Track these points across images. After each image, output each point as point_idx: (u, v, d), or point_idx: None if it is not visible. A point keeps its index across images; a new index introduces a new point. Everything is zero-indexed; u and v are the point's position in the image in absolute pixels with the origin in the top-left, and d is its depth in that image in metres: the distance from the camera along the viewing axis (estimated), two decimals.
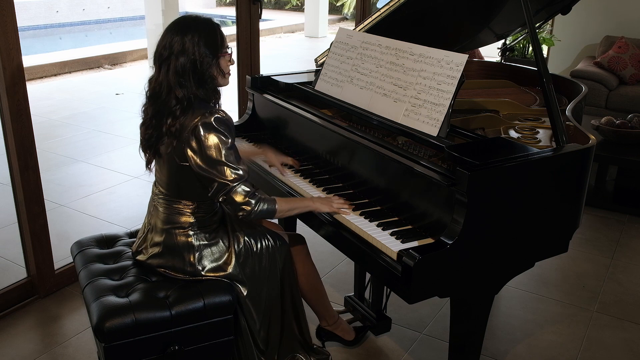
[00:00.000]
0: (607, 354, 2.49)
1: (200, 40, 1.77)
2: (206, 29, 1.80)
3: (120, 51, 8.64)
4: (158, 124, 1.81)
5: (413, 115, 1.96)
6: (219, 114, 1.78)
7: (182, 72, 1.76)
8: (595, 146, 1.92)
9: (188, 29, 1.78)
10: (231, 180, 1.77)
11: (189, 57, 1.76)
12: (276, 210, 1.85)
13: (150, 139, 1.84)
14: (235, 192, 1.78)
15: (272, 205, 1.84)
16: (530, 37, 2.01)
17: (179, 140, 1.77)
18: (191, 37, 1.76)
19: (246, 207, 1.79)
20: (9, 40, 2.34)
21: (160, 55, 1.79)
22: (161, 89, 1.79)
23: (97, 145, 4.91)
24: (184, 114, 1.77)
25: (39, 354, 2.38)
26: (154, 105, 1.82)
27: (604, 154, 3.83)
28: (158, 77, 1.80)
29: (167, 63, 1.77)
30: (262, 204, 1.81)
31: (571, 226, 1.94)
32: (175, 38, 1.77)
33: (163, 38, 1.80)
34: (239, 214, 1.81)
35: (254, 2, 3.59)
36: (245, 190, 1.79)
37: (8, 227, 3.27)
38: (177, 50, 1.76)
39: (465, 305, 1.85)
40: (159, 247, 1.92)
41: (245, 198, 1.78)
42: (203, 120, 1.75)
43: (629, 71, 5.35)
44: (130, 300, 1.79)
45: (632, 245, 3.47)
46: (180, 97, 1.76)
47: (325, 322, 2.29)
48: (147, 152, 1.89)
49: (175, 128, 1.77)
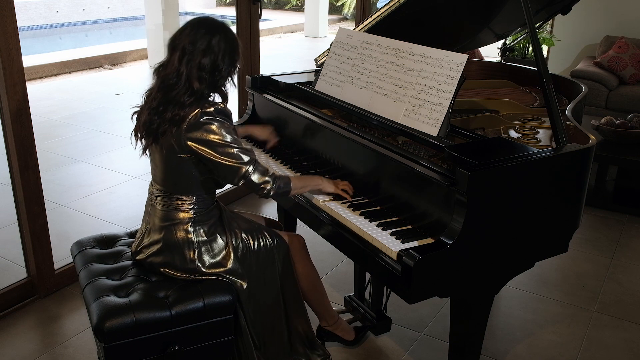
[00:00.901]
0: (607, 354, 2.49)
1: (226, 47, 1.81)
2: (232, 38, 1.84)
3: (120, 51, 8.64)
4: (164, 111, 1.81)
5: (413, 115, 1.96)
6: (218, 104, 1.83)
7: (203, 68, 1.79)
8: (595, 146, 1.92)
9: (216, 31, 1.80)
10: (246, 162, 1.82)
11: (212, 58, 1.79)
12: (291, 188, 1.92)
13: (152, 125, 1.83)
14: (253, 173, 1.83)
15: (288, 183, 1.91)
16: (530, 37, 2.01)
17: (178, 128, 1.79)
18: (218, 41, 1.80)
19: (266, 185, 1.86)
20: (9, 40, 2.34)
21: (183, 47, 1.79)
22: (179, 80, 1.79)
23: (97, 145, 4.91)
24: (190, 106, 1.79)
25: (39, 354, 2.38)
26: (165, 94, 1.81)
27: (604, 154, 3.83)
28: (178, 68, 1.79)
29: (190, 57, 1.79)
30: (279, 182, 1.89)
31: (571, 226, 1.94)
32: (204, 36, 1.79)
33: (188, 32, 1.80)
34: (260, 193, 1.88)
35: (254, 2, 3.60)
36: (261, 170, 1.85)
37: (8, 227, 3.27)
38: (203, 47, 1.78)
39: (465, 305, 1.85)
40: (159, 245, 1.92)
41: (263, 177, 1.85)
42: (203, 110, 1.78)
43: (629, 71, 5.35)
44: (130, 300, 1.79)
45: (632, 245, 3.47)
46: (196, 89, 1.79)
47: (325, 322, 2.29)
48: (145, 137, 1.88)
49: (179, 116, 1.79)
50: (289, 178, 1.93)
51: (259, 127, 2.45)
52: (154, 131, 1.83)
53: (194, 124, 1.78)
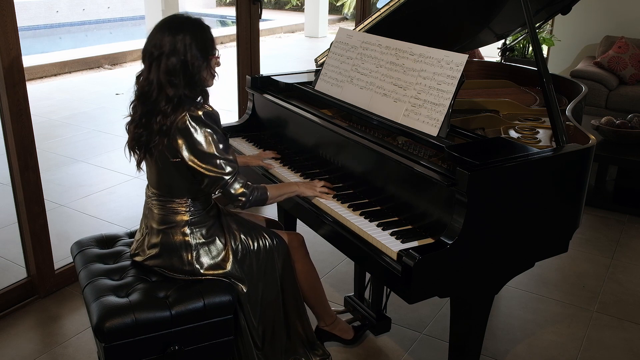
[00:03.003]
0: (607, 354, 2.49)
1: (191, 42, 1.76)
2: (197, 30, 1.79)
3: (120, 51, 8.65)
4: (148, 122, 1.79)
5: (413, 115, 1.97)
6: (206, 108, 1.79)
7: (172, 71, 1.75)
8: (595, 146, 1.92)
9: (179, 29, 1.76)
10: (226, 173, 1.81)
11: (180, 57, 1.75)
12: (268, 198, 1.93)
13: (141, 138, 1.82)
14: (232, 185, 1.82)
15: (264, 193, 1.91)
16: (530, 37, 2.01)
17: (169, 137, 1.77)
18: (182, 38, 1.75)
19: (242, 197, 1.85)
20: (9, 40, 2.34)
21: (150, 53, 1.77)
22: (151, 88, 1.77)
23: (97, 145, 4.91)
24: (174, 112, 1.76)
25: (39, 354, 2.38)
26: (143, 104, 1.80)
27: (604, 154, 3.83)
28: (148, 76, 1.78)
29: (157, 62, 1.76)
30: (256, 193, 1.88)
31: (571, 226, 1.95)
32: (166, 37, 1.75)
33: (153, 36, 1.79)
34: (236, 204, 1.88)
35: (254, 2, 3.60)
36: (240, 182, 1.84)
37: (8, 227, 3.28)
38: (167, 50, 1.74)
39: (465, 305, 1.85)
40: (157, 249, 1.92)
41: (241, 189, 1.84)
42: (190, 114, 1.75)
43: (629, 71, 5.35)
44: (130, 300, 1.80)
45: (632, 245, 3.47)
46: (170, 96, 1.75)
47: (324, 323, 2.29)
48: (137, 151, 1.87)
49: (165, 126, 1.76)
50: (266, 188, 1.92)
51: (251, 156, 2.36)
52: (145, 144, 1.82)
53: (182, 130, 1.75)
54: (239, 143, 2.55)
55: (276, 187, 1.99)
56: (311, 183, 2.06)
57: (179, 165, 1.82)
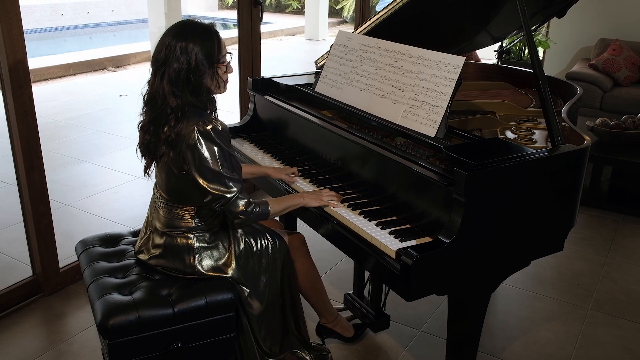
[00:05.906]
0: (602, 351, 2.53)
1: (197, 49, 1.74)
2: (204, 37, 1.77)
3: (124, 53, 8.67)
4: (155, 130, 1.80)
5: (411, 116, 1.99)
6: (214, 123, 1.76)
7: (175, 80, 1.74)
8: (590, 147, 1.94)
9: (186, 36, 1.74)
10: (230, 192, 1.79)
11: (184, 65, 1.73)
12: (269, 213, 1.90)
13: (149, 145, 1.83)
14: (234, 203, 1.81)
15: (266, 208, 1.89)
16: (526, 39, 2.04)
17: (175, 150, 1.77)
18: (187, 45, 1.73)
19: (242, 215, 1.83)
20: (14, 43, 2.38)
21: (156, 60, 1.77)
22: (156, 96, 1.77)
23: (101, 146, 4.94)
24: (179, 122, 1.75)
25: (44, 351, 2.41)
26: (150, 111, 1.82)
27: (598, 155, 3.86)
28: (154, 83, 1.78)
29: (162, 70, 1.75)
30: (257, 209, 1.86)
31: (567, 225, 1.97)
32: (172, 44, 1.74)
33: (161, 42, 1.77)
34: (236, 221, 1.89)
35: (255, 6, 3.63)
36: (243, 200, 1.82)
37: (14, 227, 3.31)
38: (172, 57, 1.73)
39: (462, 303, 1.87)
40: (160, 249, 1.93)
41: (242, 207, 1.82)
42: (199, 130, 1.73)
43: (623, 73, 5.38)
44: (133, 298, 1.81)
45: (626, 244, 3.50)
46: (174, 107, 1.74)
47: (325, 320, 2.32)
48: (145, 157, 1.88)
49: (171, 138, 1.76)
50: (267, 204, 1.89)
51: (275, 171, 2.26)
52: (152, 153, 1.84)
53: (191, 146, 1.74)
54: (240, 143, 2.58)
55: (279, 202, 1.96)
56: (317, 193, 2.01)
57: (186, 177, 1.82)
